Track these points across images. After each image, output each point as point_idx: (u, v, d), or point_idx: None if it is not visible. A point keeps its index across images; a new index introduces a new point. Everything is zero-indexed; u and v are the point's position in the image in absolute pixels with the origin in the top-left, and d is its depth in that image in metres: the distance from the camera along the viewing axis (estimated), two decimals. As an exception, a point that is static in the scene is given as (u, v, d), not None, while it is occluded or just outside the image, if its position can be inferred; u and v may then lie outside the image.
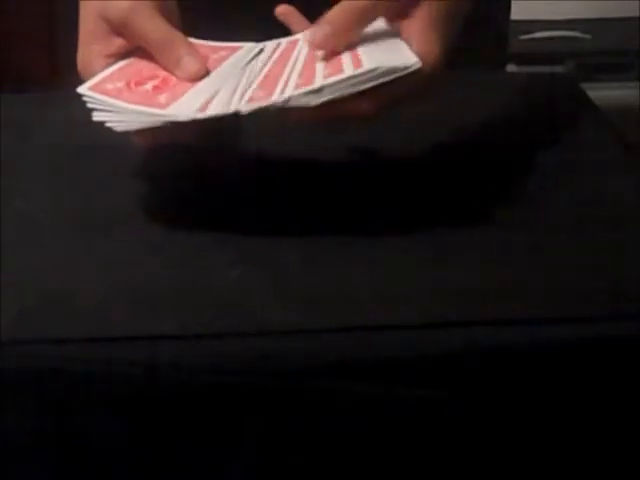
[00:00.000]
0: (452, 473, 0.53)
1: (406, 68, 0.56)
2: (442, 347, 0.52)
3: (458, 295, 0.54)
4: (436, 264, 0.57)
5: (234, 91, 0.57)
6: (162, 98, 0.57)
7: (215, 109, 0.56)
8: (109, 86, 0.58)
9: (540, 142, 0.72)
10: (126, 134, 0.58)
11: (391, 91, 0.57)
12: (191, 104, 0.56)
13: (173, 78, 0.59)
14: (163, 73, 0.60)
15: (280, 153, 0.71)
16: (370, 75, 0.55)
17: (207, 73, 0.59)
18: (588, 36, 1.92)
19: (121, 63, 0.61)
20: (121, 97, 0.57)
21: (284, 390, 0.51)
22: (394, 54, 0.57)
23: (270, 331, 0.52)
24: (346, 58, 0.58)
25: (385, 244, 0.59)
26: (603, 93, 1.51)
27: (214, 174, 0.68)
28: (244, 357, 0.51)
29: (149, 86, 0.58)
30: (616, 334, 0.52)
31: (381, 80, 0.56)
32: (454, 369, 0.52)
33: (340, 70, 0.56)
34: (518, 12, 0.96)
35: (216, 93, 0.57)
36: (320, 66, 0.57)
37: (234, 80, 0.59)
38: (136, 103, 0.57)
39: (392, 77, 0.56)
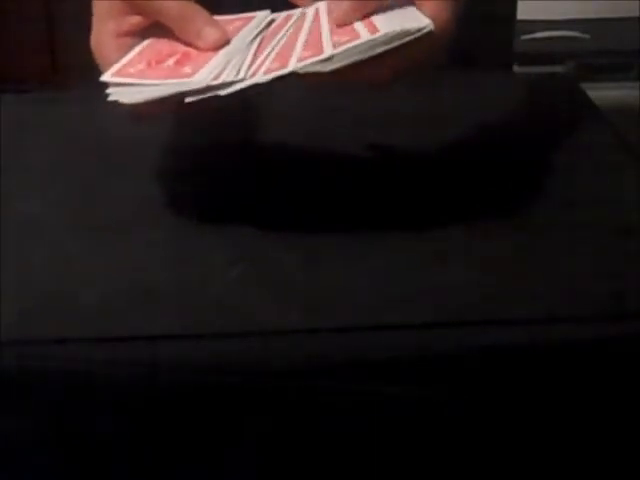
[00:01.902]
0: (452, 473, 0.53)
1: (419, 30, 0.56)
2: (442, 347, 0.52)
3: (458, 295, 0.54)
4: (436, 264, 0.57)
5: (245, 60, 0.57)
6: (187, 68, 0.57)
7: (227, 77, 0.56)
8: (131, 70, 0.58)
9: (540, 142, 0.72)
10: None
11: (404, 55, 0.57)
12: (209, 74, 0.56)
13: (193, 51, 0.59)
14: (182, 48, 0.60)
15: (280, 152, 0.71)
16: (383, 39, 0.55)
17: (228, 41, 0.60)
18: (588, 36, 1.93)
19: (138, 47, 0.61)
20: (145, 76, 0.57)
21: (284, 390, 0.51)
22: (406, 17, 0.58)
23: (270, 331, 0.52)
24: (359, 24, 0.58)
25: (385, 244, 0.59)
26: (603, 93, 1.51)
27: (214, 173, 0.68)
28: (244, 357, 0.51)
29: (170, 62, 0.58)
30: (616, 334, 0.52)
31: (394, 44, 0.55)
32: (454, 369, 0.52)
33: (355, 36, 0.56)
34: (518, 12, 0.96)
35: (228, 62, 0.57)
36: (329, 34, 0.57)
37: (246, 50, 0.59)
38: (162, 78, 0.57)
39: (405, 40, 0.56)
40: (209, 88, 0.55)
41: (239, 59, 0.58)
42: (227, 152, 0.71)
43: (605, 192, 0.65)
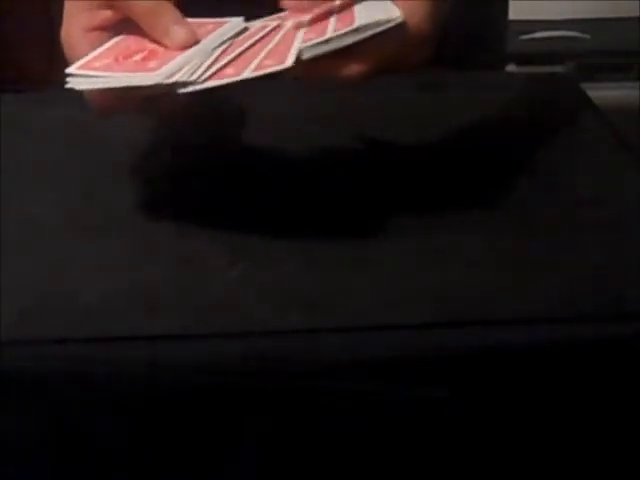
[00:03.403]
0: (452, 473, 0.53)
1: (388, 21, 0.56)
2: (442, 347, 0.52)
3: (458, 295, 0.54)
4: (436, 264, 0.57)
5: (204, 63, 0.57)
6: (152, 63, 0.57)
7: (181, 77, 0.56)
8: (97, 64, 0.58)
9: (540, 142, 0.72)
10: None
11: (374, 50, 0.56)
12: (170, 71, 0.56)
13: (161, 49, 0.59)
14: (150, 46, 0.59)
15: (279, 152, 0.71)
16: (351, 30, 0.55)
17: (197, 42, 0.59)
18: (588, 36, 1.93)
19: (109, 43, 0.61)
20: (111, 70, 0.57)
21: (284, 390, 0.51)
22: (378, 9, 0.57)
23: (270, 331, 0.52)
24: (334, 17, 0.58)
25: (385, 244, 0.59)
26: (603, 93, 1.51)
27: (214, 173, 0.68)
28: (244, 357, 0.51)
29: (137, 58, 0.58)
30: (616, 334, 0.52)
31: (364, 35, 0.55)
32: (454, 369, 0.52)
33: (324, 32, 0.56)
34: (518, 12, 0.96)
35: (187, 63, 0.57)
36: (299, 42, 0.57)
37: (210, 53, 0.59)
38: (127, 72, 0.57)
39: (375, 31, 0.55)
40: (162, 87, 0.55)
41: (198, 61, 0.57)
42: (228, 152, 0.71)
43: (605, 192, 0.65)
